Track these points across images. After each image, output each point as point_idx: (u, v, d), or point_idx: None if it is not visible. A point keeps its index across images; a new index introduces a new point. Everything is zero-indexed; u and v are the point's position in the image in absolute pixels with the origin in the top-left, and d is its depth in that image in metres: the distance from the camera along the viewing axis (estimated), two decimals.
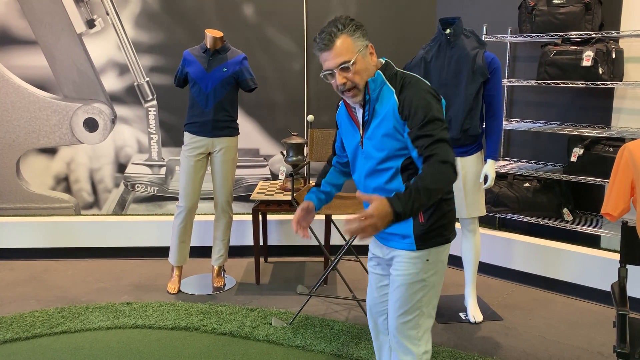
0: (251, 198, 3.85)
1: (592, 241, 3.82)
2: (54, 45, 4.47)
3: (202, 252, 4.34)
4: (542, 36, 3.74)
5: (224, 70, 3.58)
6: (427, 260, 1.94)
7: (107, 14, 4.46)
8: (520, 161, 4.20)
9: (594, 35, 3.57)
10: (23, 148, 4.59)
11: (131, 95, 4.58)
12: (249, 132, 4.64)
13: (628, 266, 2.34)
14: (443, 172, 1.71)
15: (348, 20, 1.84)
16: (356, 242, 4.33)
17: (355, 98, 1.87)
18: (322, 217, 4.17)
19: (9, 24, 4.43)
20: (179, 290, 3.76)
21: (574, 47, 3.61)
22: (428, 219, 1.91)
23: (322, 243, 4.01)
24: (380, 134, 1.87)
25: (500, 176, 3.99)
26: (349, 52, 1.82)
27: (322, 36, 1.82)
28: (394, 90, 1.87)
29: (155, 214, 4.68)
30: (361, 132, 1.93)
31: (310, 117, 4.01)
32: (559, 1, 3.67)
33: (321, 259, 4.40)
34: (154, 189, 4.70)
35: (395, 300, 1.97)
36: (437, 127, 1.77)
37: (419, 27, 4.46)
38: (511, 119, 4.21)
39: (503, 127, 3.82)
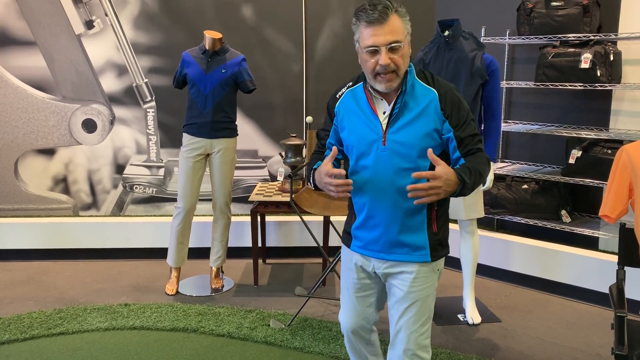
0: (250, 199, 3.85)
1: (590, 243, 3.82)
2: (52, 46, 4.47)
3: (201, 253, 4.34)
4: (541, 38, 3.75)
5: (223, 71, 3.58)
6: (438, 270, 1.91)
7: (106, 15, 4.46)
8: (518, 163, 4.21)
9: (592, 37, 3.58)
10: (21, 149, 4.58)
11: (130, 97, 4.57)
12: (248, 133, 4.64)
13: (626, 268, 2.34)
14: (487, 165, 1.78)
15: (397, 2, 1.73)
16: None
17: (390, 83, 1.73)
18: (321, 218, 4.17)
19: (8, 24, 4.43)
20: (177, 292, 3.75)
21: (572, 50, 3.62)
22: (440, 227, 1.86)
23: (321, 244, 4.01)
24: (417, 130, 1.75)
25: (498, 178, 3.99)
26: (400, 33, 1.71)
27: (378, 8, 1.68)
28: (430, 86, 1.79)
29: (154, 215, 4.67)
30: (384, 126, 1.78)
31: (309, 119, 4.01)
32: (557, 3, 3.68)
33: (319, 260, 4.40)
34: (153, 190, 4.70)
35: (412, 316, 1.87)
36: (475, 126, 1.81)
37: (417, 29, 4.45)
38: (509, 121, 4.21)
39: (501, 129, 3.83)
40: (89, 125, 4.58)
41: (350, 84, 1.89)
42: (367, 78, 1.79)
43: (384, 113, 1.80)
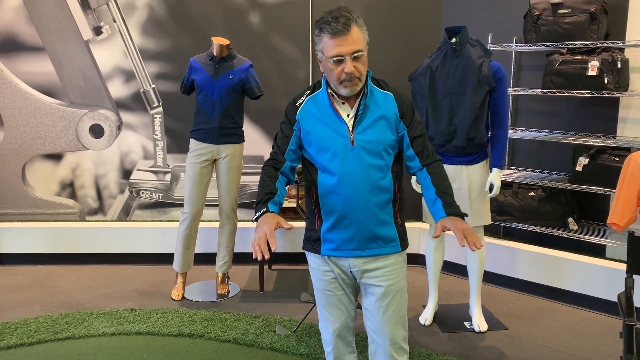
0: None
1: (597, 251, 3.81)
2: (60, 51, 4.50)
3: (207, 258, 4.34)
4: (548, 45, 3.75)
5: (230, 77, 3.60)
6: (404, 259, 2.03)
7: (114, 21, 4.49)
8: (525, 170, 4.20)
9: (600, 44, 3.57)
10: (29, 154, 4.61)
11: (137, 102, 4.60)
12: (254, 139, 4.65)
13: (635, 276, 2.33)
14: (446, 174, 1.97)
15: (356, 13, 1.84)
16: None
17: (354, 87, 1.86)
18: None
19: (17, 30, 4.46)
20: (183, 297, 3.75)
21: (579, 57, 3.62)
22: (402, 220, 2.01)
23: None
24: (381, 128, 1.90)
25: (505, 185, 3.99)
26: (361, 42, 1.83)
27: (340, 20, 1.78)
28: (386, 90, 1.95)
29: (160, 221, 4.68)
30: (350, 127, 1.89)
31: None
32: (565, 11, 3.68)
33: None
34: (159, 196, 4.71)
35: (392, 312, 1.98)
36: (421, 127, 1.97)
37: (424, 36, 4.47)
38: (516, 128, 4.21)
39: (508, 136, 3.82)
40: (96, 131, 4.60)
41: (308, 92, 1.99)
42: (332, 85, 1.90)
43: (348, 115, 1.91)
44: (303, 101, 1.97)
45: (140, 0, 4.46)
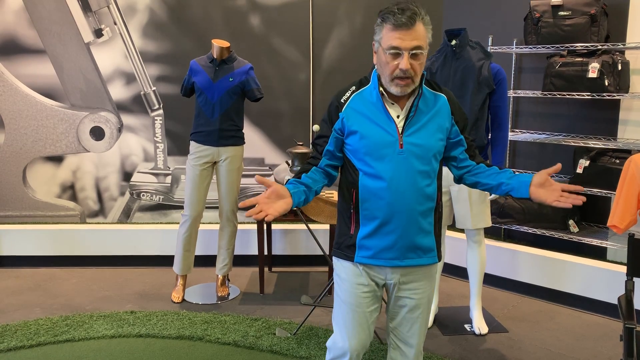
0: None
1: (598, 253, 3.80)
2: (61, 54, 4.51)
3: (207, 261, 4.34)
4: (548, 47, 3.75)
5: (231, 80, 3.60)
6: (436, 270, 2.00)
7: (115, 24, 4.50)
8: (526, 172, 4.19)
9: (600, 47, 3.57)
10: (30, 156, 4.61)
11: (138, 104, 4.60)
12: (255, 142, 4.65)
13: (635, 279, 2.32)
14: None
15: (424, 10, 1.75)
16: None
17: (406, 88, 1.75)
18: (327, 226, 4.17)
19: (18, 32, 4.47)
20: (183, 299, 3.75)
21: (579, 59, 3.61)
22: (439, 229, 1.92)
23: (327, 253, 4.00)
24: (432, 133, 1.81)
25: None
26: (423, 40, 1.73)
27: (407, 13, 1.69)
28: (438, 92, 1.86)
29: (160, 223, 4.68)
30: (399, 129, 1.79)
31: (316, 127, 4.02)
32: (565, 13, 3.68)
33: (325, 268, 4.39)
34: (160, 198, 4.71)
35: (421, 323, 1.93)
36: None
37: None
38: (517, 130, 4.20)
39: (509, 138, 3.82)
40: (97, 133, 4.61)
41: (354, 88, 1.86)
42: (383, 80, 1.78)
43: (398, 116, 1.80)
44: (349, 98, 1.84)
45: (140, 2, 4.47)
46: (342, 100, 1.84)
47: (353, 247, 1.87)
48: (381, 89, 1.80)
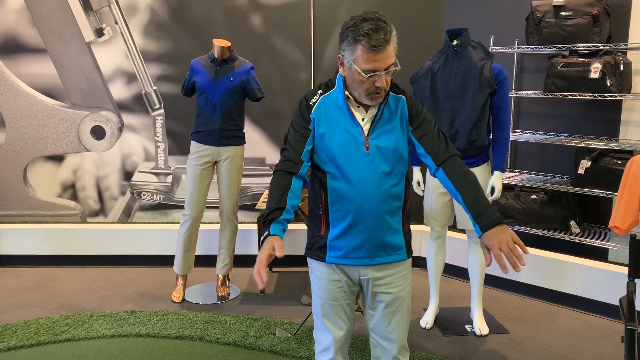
0: (257, 207, 3.85)
1: (600, 254, 3.79)
2: (62, 53, 4.50)
3: (207, 260, 4.33)
4: (550, 48, 3.74)
5: (231, 79, 3.59)
6: (410, 265, 2.02)
7: (116, 23, 4.49)
8: (527, 173, 4.18)
9: (602, 47, 3.56)
10: (30, 155, 4.61)
11: (138, 104, 4.60)
12: (255, 141, 4.65)
13: (637, 280, 2.31)
14: (468, 168, 1.88)
15: (389, 22, 1.74)
16: None
17: (379, 99, 1.80)
18: None
19: (19, 32, 4.47)
20: (184, 299, 3.75)
21: (581, 59, 3.60)
22: (408, 227, 1.99)
23: None
24: (396, 135, 1.84)
25: (507, 188, 3.97)
26: (394, 55, 1.75)
27: (382, 36, 1.69)
28: (399, 93, 1.89)
29: (161, 222, 4.68)
30: (365, 132, 1.83)
31: None
32: (567, 13, 3.67)
33: None
34: (160, 197, 4.71)
35: (399, 318, 1.96)
36: (433, 124, 1.91)
37: (426, 38, 4.47)
38: (518, 131, 4.19)
39: (510, 139, 3.81)
40: (98, 132, 4.60)
41: (321, 91, 1.89)
42: (355, 93, 1.80)
43: (363, 119, 1.85)
44: (317, 100, 1.86)
45: (141, 2, 4.46)
46: (311, 103, 1.86)
47: (324, 247, 1.93)
48: (346, 92, 1.84)
